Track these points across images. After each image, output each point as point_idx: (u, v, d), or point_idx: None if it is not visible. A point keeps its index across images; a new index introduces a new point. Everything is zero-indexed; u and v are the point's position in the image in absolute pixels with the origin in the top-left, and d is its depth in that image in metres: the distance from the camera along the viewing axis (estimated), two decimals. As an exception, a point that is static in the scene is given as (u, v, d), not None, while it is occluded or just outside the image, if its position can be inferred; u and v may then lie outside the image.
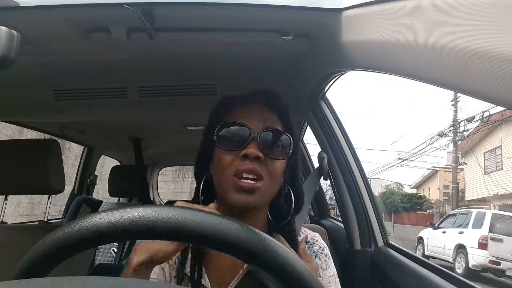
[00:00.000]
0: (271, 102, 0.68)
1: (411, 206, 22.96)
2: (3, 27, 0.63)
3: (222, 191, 0.62)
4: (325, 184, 1.58)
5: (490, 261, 7.47)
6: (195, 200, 0.68)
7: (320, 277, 0.69)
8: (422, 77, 0.53)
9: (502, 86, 0.37)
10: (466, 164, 14.95)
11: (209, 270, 0.65)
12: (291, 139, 0.65)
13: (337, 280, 0.72)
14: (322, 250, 0.72)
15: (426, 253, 9.76)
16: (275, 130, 0.64)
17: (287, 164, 0.67)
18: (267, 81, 1.18)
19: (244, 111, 0.66)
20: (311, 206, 2.47)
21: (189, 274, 0.65)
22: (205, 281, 0.64)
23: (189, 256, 0.66)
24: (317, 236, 0.76)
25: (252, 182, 0.59)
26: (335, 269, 0.73)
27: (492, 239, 7.69)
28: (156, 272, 0.66)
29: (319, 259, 0.71)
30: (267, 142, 0.62)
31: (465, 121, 12.62)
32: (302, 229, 0.76)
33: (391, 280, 1.03)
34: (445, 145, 14.01)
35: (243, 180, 0.59)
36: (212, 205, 0.58)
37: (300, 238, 0.73)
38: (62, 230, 0.36)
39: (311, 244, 0.73)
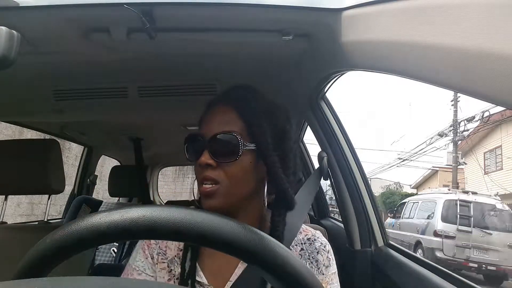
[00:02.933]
0: (231, 100, 0.67)
1: (411, 206, 22.93)
2: (3, 27, 0.63)
3: None
4: (325, 184, 1.58)
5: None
6: (198, 200, 0.71)
7: (323, 274, 0.69)
8: (422, 77, 0.53)
9: (502, 86, 0.37)
10: (466, 164, 14.93)
11: (204, 266, 0.66)
12: (240, 138, 0.62)
13: (338, 278, 0.72)
14: (324, 247, 0.72)
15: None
16: (224, 132, 0.63)
17: (256, 163, 0.65)
18: (267, 81, 1.18)
19: (205, 117, 0.67)
20: (311, 206, 2.48)
21: (179, 271, 0.65)
22: (201, 278, 0.65)
23: (181, 254, 0.67)
24: (318, 234, 0.75)
25: (210, 186, 0.62)
26: (336, 267, 0.73)
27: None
28: (155, 271, 0.67)
29: (321, 255, 0.70)
30: (217, 147, 0.63)
31: (465, 121, 12.60)
32: (302, 227, 0.76)
33: (391, 280, 1.03)
34: (445, 145, 14.01)
35: (203, 186, 0.63)
36: None
37: (300, 236, 0.73)
38: (62, 230, 0.35)
39: (312, 241, 0.72)
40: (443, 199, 8.32)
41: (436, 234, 7.82)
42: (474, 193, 8.63)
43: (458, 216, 7.80)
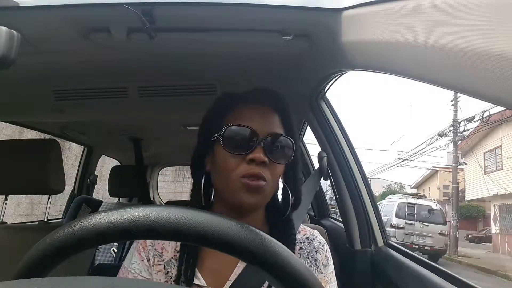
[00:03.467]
0: (274, 103, 0.69)
1: (411, 206, 22.92)
2: (3, 27, 0.63)
3: (227, 191, 0.64)
4: (325, 184, 1.58)
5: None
6: (195, 200, 0.68)
7: (322, 273, 0.69)
8: (422, 77, 0.53)
9: (502, 86, 0.37)
10: (466, 164, 14.94)
11: (202, 267, 0.65)
12: (293, 142, 0.66)
13: (335, 277, 0.73)
14: (322, 246, 0.73)
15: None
16: (280, 134, 0.66)
17: (287, 165, 0.68)
18: (267, 81, 1.18)
19: (247, 112, 0.66)
20: (311, 206, 2.48)
21: (175, 273, 0.65)
22: (199, 280, 0.64)
23: (178, 256, 0.66)
24: (316, 233, 0.76)
25: (258, 182, 0.61)
26: (333, 266, 0.73)
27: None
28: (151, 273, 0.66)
29: (320, 254, 0.71)
30: (272, 146, 0.64)
31: (465, 121, 12.60)
32: (301, 227, 0.76)
33: (391, 280, 1.03)
34: (445, 145, 14.00)
35: (252, 180, 0.61)
36: None
37: (299, 236, 0.73)
38: (62, 230, 0.35)
39: (311, 240, 0.73)
40: (397, 202, 12.19)
41: (391, 226, 11.19)
42: (419, 197, 12.86)
43: (406, 213, 11.51)
